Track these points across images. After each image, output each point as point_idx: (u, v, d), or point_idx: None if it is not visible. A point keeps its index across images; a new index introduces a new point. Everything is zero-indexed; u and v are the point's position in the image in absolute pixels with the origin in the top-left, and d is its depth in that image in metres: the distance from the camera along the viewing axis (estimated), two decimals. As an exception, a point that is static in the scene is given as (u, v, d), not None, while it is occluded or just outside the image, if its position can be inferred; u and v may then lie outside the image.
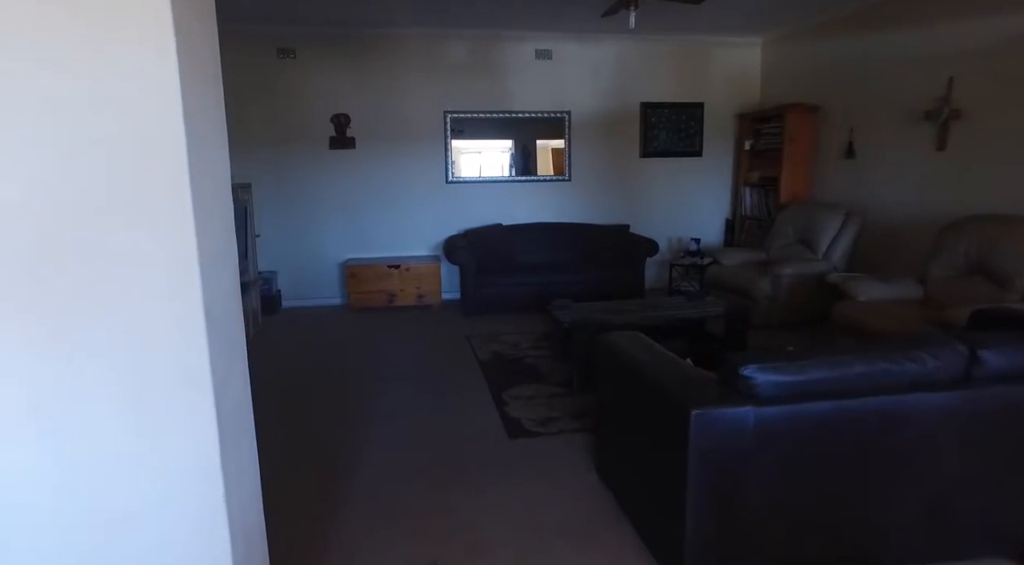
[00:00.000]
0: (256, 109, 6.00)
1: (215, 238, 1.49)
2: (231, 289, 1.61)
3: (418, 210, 6.42)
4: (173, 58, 1.28)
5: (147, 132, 1.29)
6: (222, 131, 1.63)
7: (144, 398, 1.38)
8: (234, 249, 1.66)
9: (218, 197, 1.55)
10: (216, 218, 1.51)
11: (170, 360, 1.37)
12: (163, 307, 1.35)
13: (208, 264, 1.41)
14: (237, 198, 4.83)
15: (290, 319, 5.92)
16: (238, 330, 1.67)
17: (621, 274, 6.07)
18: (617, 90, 6.55)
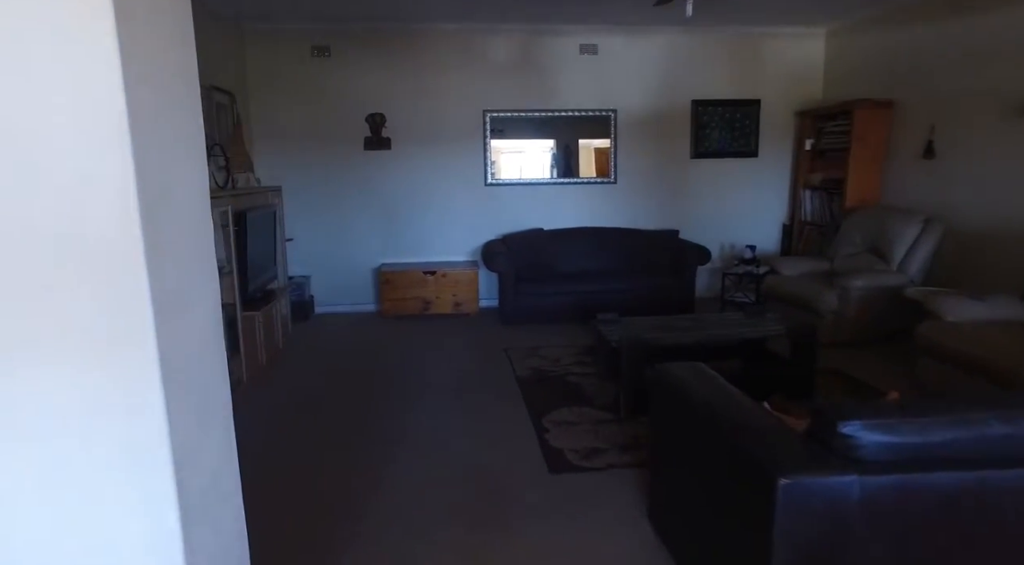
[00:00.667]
0: (289, 109, 5.77)
1: (181, 269, 1.17)
2: (206, 332, 1.29)
3: (455, 214, 6.11)
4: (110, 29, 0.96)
5: (76, 129, 0.98)
6: (194, 134, 1.31)
7: (69, 485, 1.06)
8: (213, 281, 1.34)
9: (186, 215, 1.23)
10: (183, 243, 1.20)
11: (105, 433, 1.05)
12: (95, 359, 1.03)
13: (168, 302, 1.10)
14: (266, 203, 4.59)
15: (321, 326, 5.68)
16: (216, 382, 1.35)
17: (669, 283, 5.64)
18: (666, 87, 6.11)
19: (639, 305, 5.58)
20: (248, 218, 3.81)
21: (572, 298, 5.56)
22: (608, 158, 6.21)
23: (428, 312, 5.82)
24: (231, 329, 3.81)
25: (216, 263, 1.36)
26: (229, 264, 3.74)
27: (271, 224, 4.49)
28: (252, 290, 4.02)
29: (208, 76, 4.72)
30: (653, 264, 5.82)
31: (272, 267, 4.55)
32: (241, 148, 4.34)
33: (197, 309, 1.24)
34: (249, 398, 3.91)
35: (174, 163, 1.18)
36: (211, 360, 1.32)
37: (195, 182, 1.29)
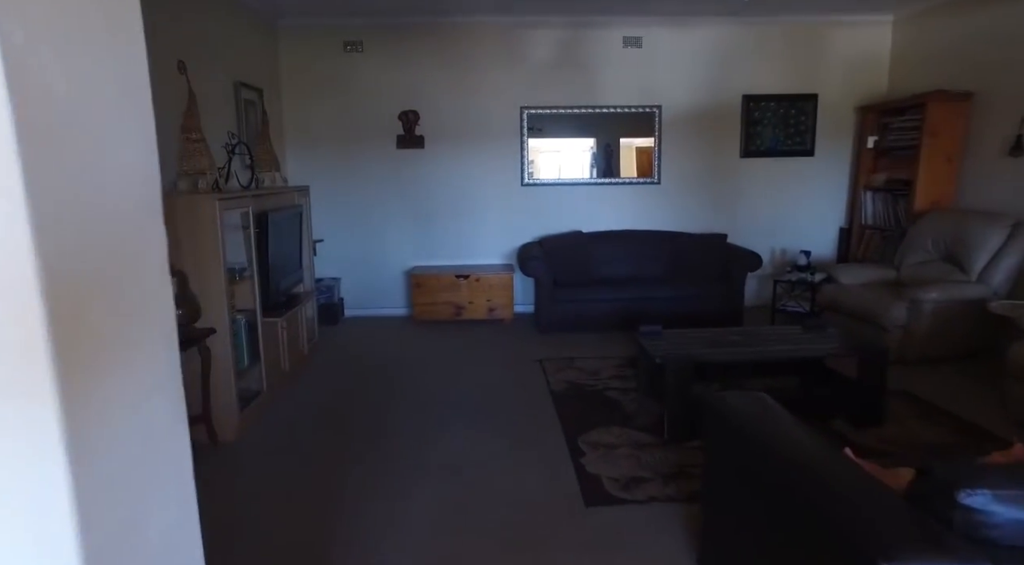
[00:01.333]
0: (320, 106, 5.59)
1: (110, 299, 0.90)
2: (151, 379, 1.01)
3: (490, 215, 5.83)
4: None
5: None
6: (137, 122, 1.04)
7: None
8: (165, 311, 1.07)
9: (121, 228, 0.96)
10: (115, 266, 0.93)
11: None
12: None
13: (85, 343, 0.83)
14: (292, 203, 4.39)
15: (350, 330, 5.47)
16: (169, 445, 1.08)
17: (717, 291, 5.24)
18: (715, 81, 5.70)
19: (684, 314, 5.21)
20: (271, 219, 3.60)
21: (612, 306, 5.22)
22: (651, 157, 5.84)
23: (460, 317, 5.55)
24: (251, 336, 3.61)
25: (171, 288, 1.09)
26: (250, 267, 3.54)
27: (297, 225, 4.29)
28: (275, 295, 3.81)
29: (236, 72, 4.55)
30: (699, 270, 5.43)
31: (298, 270, 4.34)
32: (267, 146, 4.15)
33: (138, 350, 0.97)
34: (267, 410, 3.70)
35: (99, 159, 0.91)
36: (160, 417, 1.05)
37: (136, 182, 1.01)
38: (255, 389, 3.68)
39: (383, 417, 3.61)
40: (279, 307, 3.94)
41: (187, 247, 3.08)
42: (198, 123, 3.06)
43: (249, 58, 4.83)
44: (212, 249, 3.08)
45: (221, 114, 4.29)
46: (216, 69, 4.21)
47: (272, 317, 3.74)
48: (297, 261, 4.35)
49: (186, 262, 3.09)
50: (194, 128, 3.04)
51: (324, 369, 4.46)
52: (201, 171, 3.06)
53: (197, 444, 3.33)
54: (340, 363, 4.61)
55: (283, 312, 3.91)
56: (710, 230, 5.88)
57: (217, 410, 3.24)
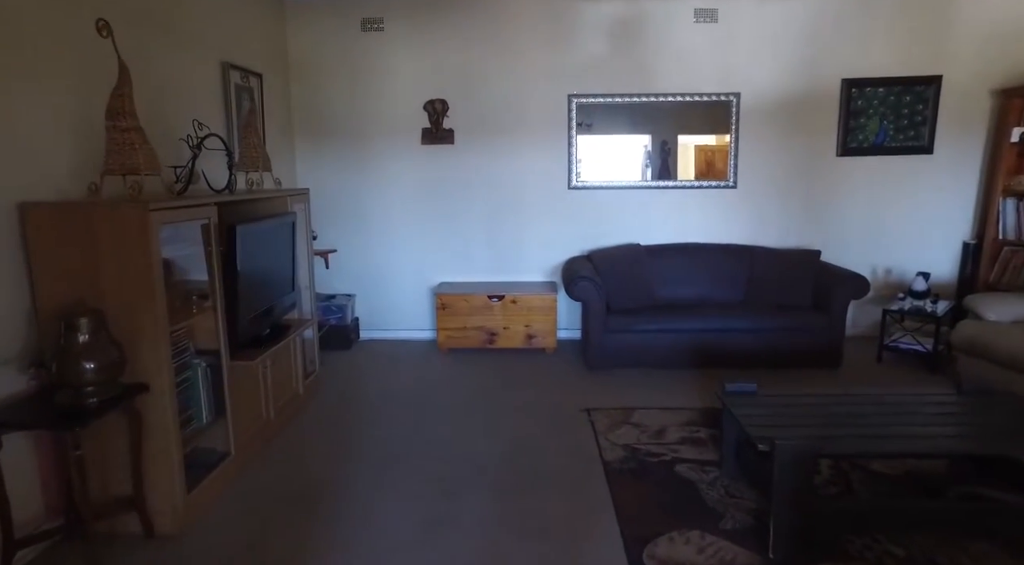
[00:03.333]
0: (332, 94, 4.72)
1: None
2: None
3: (531, 223, 4.87)
4: None
5: None
6: None
7: None
8: None
9: None
10: None
11: None
12: None
13: None
14: (283, 210, 3.52)
15: (363, 358, 4.59)
16: None
17: (809, 323, 4.14)
18: (808, 62, 4.59)
19: (767, 351, 4.16)
20: (240, 233, 2.73)
21: (677, 338, 4.18)
22: (726, 155, 4.77)
23: (494, 345, 4.61)
24: (216, 383, 2.74)
25: None
26: (213, 296, 2.67)
27: (287, 238, 3.42)
28: (250, 328, 2.95)
29: (225, 51, 3.72)
30: (785, 295, 4.34)
31: (289, 293, 3.48)
32: (252, 141, 3.32)
33: None
34: (233, 483, 2.82)
35: None
36: None
37: None
38: (220, 452, 2.81)
39: (375, 494, 2.68)
40: (259, 342, 3.07)
41: (108, 273, 2.22)
42: (130, 107, 2.21)
43: (244, 36, 4.00)
44: (143, 276, 2.22)
45: (200, 101, 3.45)
46: (193, 44, 3.37)
47: (245, 358, 2.86)
48: (288, 282, 3.48)
49: (107, 294, 2.23)
50: (125, 113, 2.19)
51: (321, 415, 3.58)
52: (133, 169, 2.21)
53: (126, 538, 2.36)
54: (342, 405, 3.72)
55: (265, 348, 3.04)
56: (798, 244, 4.78)
57: (154, 492, 2.38)
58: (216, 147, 3.07)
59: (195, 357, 2.69)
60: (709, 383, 3.96)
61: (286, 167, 4.67)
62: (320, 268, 4.88)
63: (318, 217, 4.83)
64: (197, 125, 2.95)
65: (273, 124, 4.40)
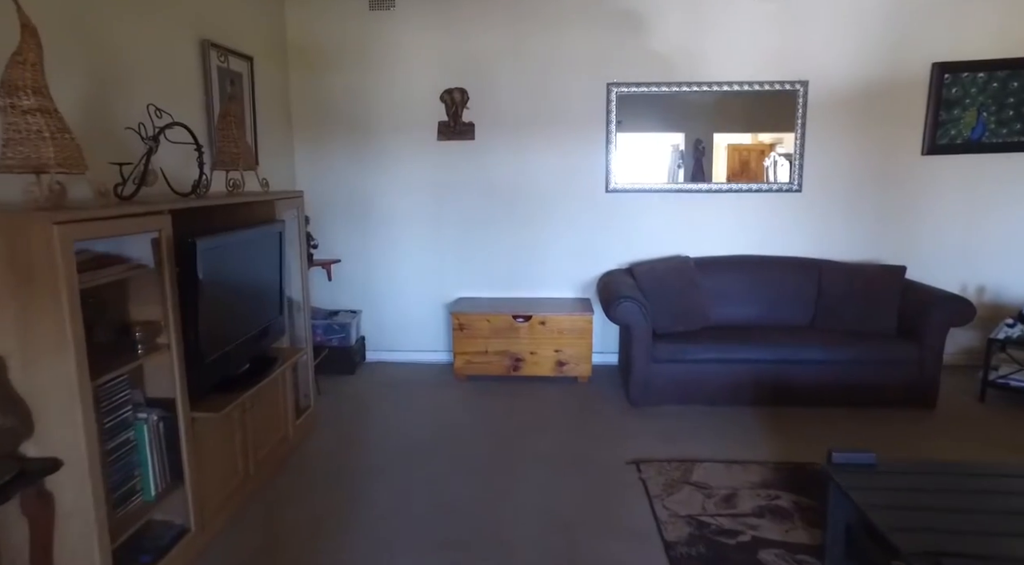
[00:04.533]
0: (336, 83, 4.10)
1: None
2: None
3: (563, 231, 4.21)
4: None
5: None
6: None
7: None
8: None
9: None
10: None
11: None
12: None
13: None
14: (268, 217, 2.90)
15: (367, 386, 3.96)
16: None
17: (895, 353, 3.44)
18: (890, 43, 3.88)
19: (844, 387, 3.48)
20: (204, 248, 2.11)
21: (736, 370, 3.51)
22: (761, 156, 4.08)
23: (518, 372, 3.96)
24: (170, 444, 2.12)
25: None
26: (166, 330, 2.06)
27: (273, 251, 2.80)
28: (222, 366, 2.33)
29: (206, 27, 3.10)
30: (864, 319, 3.64)
31: (276, 317, 2.86)
32: (230, 133, 2.71)
33: None
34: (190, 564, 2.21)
35: None
36: None
37: None
38: (178, 526, 2.19)
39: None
40: (232, 384, 2.44)
41: (5, 309, 1.61)
42: (38, 80, 1.60)
43: (232, 11, 3.38)
44: (53, 309, 1.60)
45: (172, 86, 2.84)
46: (164, 15, 2.76)
47: (210, 408, 2.24)
48: (275, 304, 2.85)
49: (5, 335, 1.62)
50: (28, 88, 1.58)
51: (314, 465, 2.95)
52: (40, 166, 1.60)
53: None
54: (340, 453, 3.08)
55: (239, 391, 2.41)
56: (873, 258, 4.07)
57: (73, 600, 1.76)
58: (183, 140, 2.45)
59: (143, 410, 2.06)
60: (778, 426, 3.28)
61: (282, 166, 4.06)
62: (322, 281, 4.27)
63: (319, 223, 4.22)
64: (155, 112, 2.33)
65: (267, 116, 3.79)
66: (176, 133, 2.32)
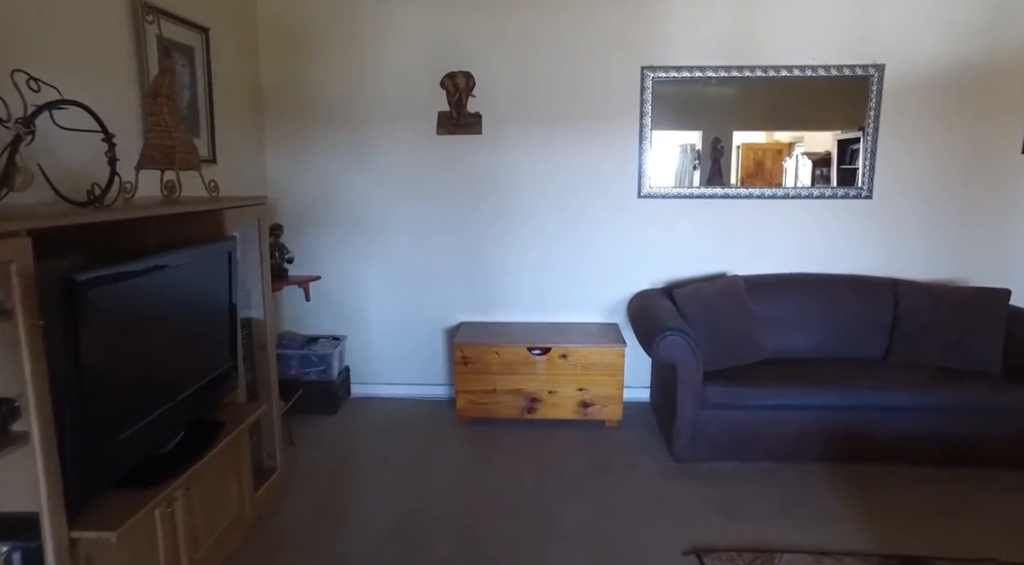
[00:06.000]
0: (316, 65, 3.37)
1: None
2: None
3: (587, 243, 3.48)
4: None
5: None
6: None
7: None
8: None
9: None
10: None
11: None
12: None
13: None
14: (216, 232, 2.15)
15: (351, 430, 3.22)
16: None
17: (1002, 399, 2.74)
18: (983, 20, 3.17)
19: (942, 442, 2.78)
20: (93, 287, 1.38)
21: (806, 417, 2.80)
22: (778, 156, 3.38)
23: (534, 415, 3.23)
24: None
25: None
26: (25, 413, 1.33)
27: (217, 279, 2.06)
28: (128, 450, 1.60)
29: (134, -18, 2.36)
30: (957, 354, 2.93)
31: (225, 364, 2.12)
32: (165, 119, 1.99)
33: None
34: None
35: None
36: None
37: None
38: None
39: None
40: (152, 471, 1.71)
41: None
42: None
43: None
44: None
45: (91, 57, 2.11)
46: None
47: (105, 521, 1.50)
48: (221, 351, 2.11)
49: None
50: None
51: (275, 554, 2.21)
52: None
53: None
54: (311, 533, 2.34)
55: (166, 478, 1.68)
56: (961, 278, 3.36)
57: None
58: (87, 127, 1.71)
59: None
60: (864, 493, 2.56)
61: (249, 166, 3.32)
62: (298, 301, 3.53)
63: (297, 232, 3.49)
64: (32, 83, 1.59)
65: (228, 104, 3.05)
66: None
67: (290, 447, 2.98)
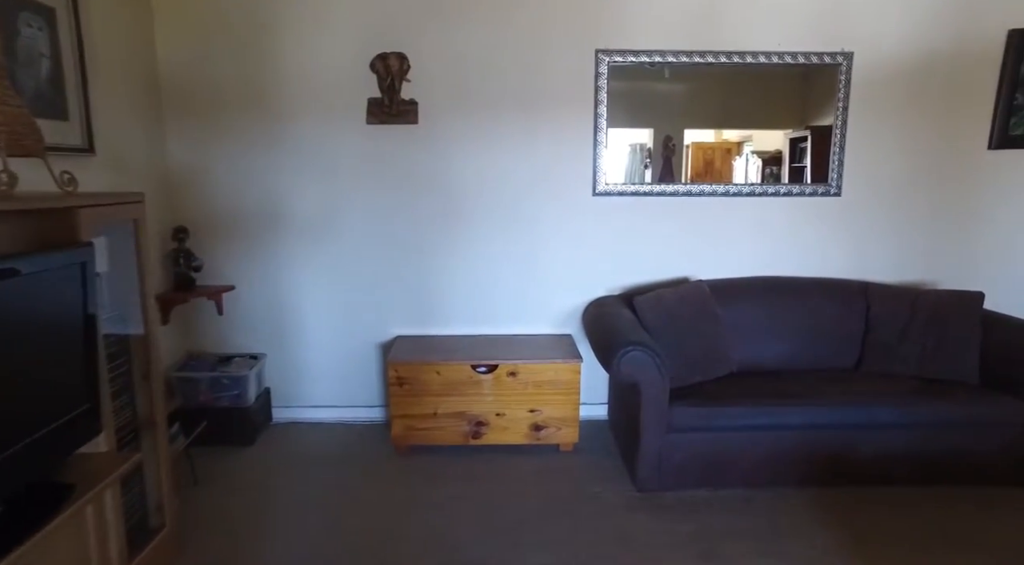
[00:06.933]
0: (227, 43, 2.88)
1: None
2: None
3: (538, 246, 3.11)
4: None
5: None
6: None
7: None
8: None
9: None
10: None
11: None
12: None
13: None
14: (74, 241, 1.67)
15: (270, 465, 2.75)
16: None
17: (980, 411, 2.52)
18: (954, 10, 2.96)
19: (926, 460, 2.53)
20: None
21: (783, 438, 2.50)
22: (728, 155, 3.11)
23: (480, 440, 2.84)
24: None
25: None
26: None
27: (68, 299, 1.59)
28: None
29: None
30: (934, 363, 2.70)
31: (78, 412, 1.64)
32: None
33: None
34: None
35: None
36: None
37: None
38: None
39: None
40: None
41: None
42: None
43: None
44: None
45: None
46: None
47: None
48: (71, 393, 1.63)
49: None
50: None
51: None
52: None
53: None
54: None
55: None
56: (930, 281, 3.15)
57: None
58: None
59: None
60: (848, 521, 2.28)
61: (143, 157, 2.81)
62: (209, 315, 3.04)
63: (205, 236, 3.00)
64: None
65: (111, 82, 2.54)
66: None
67: (193, 488, 2.51)
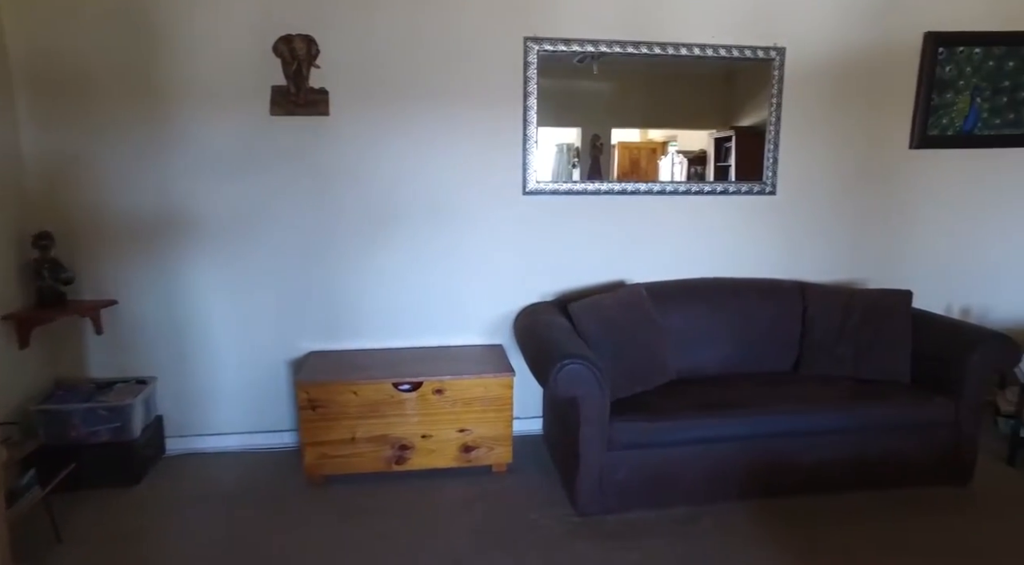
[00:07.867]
0: (97, 17, 2.45)
1: None
2: None
3: (464, 250, 2.84)
4: None
5: None
6: None
7: None
8: None
9: None
10: None
11: None
12: None
13: None
14: None
15: (158, 507, 2.35)
16: None
17: (913, 411, 2.47)
18: (878, 9, 2.93)
19: (854, 462, 2.48)
20: None
21: (725, 451, 2.36)
22: (653, 154, 3.01)
23: (404, 466, 2.54)
24: None
25: None
26: None
27: None
28: None
29: None
30: (872, 365, 2.65)
31: None
32: None
33: None
34: None
35: None
36: None
37: None
38: None
39: None
40: None
41: None
42: None
43: None
44: None
45: None
46: None
47: None
48: None
49: None
50: None
51: None
52: None
53: None
54: None
55: None
56: (859, 279, 3.12)
57: None
58: None
59: None
60: (791, 537, 2.16)
61: (-7, 149, 2.35)
62: (85, 335, 2.60)
63: (80, 244, 2.56)
64: None
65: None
66: None
67: (57, 547, 2.09)
